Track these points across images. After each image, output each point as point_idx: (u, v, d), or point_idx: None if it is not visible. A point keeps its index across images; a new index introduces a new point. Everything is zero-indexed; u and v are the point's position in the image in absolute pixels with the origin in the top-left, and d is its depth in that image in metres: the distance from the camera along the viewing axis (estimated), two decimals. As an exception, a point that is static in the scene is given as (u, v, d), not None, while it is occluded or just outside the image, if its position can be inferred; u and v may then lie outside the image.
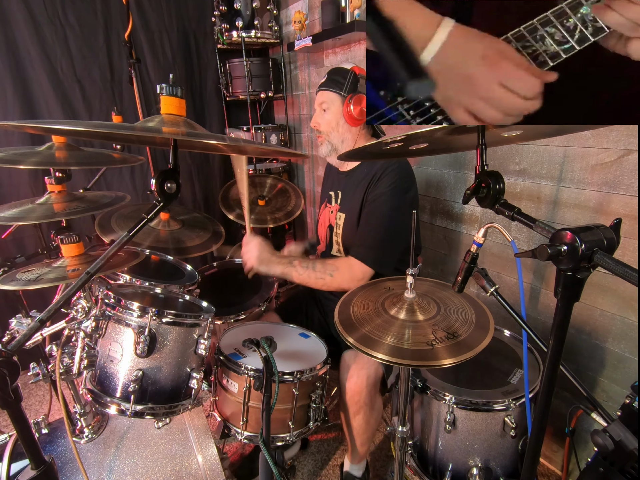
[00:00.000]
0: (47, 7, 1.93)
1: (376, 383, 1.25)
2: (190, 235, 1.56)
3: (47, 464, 0.67)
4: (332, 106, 1.33)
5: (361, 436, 1.30)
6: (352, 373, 1.21)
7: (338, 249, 1.47)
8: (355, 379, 1.20)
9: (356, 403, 1.22)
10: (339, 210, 1.45)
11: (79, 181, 1.92)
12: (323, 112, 1.36)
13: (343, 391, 1.24)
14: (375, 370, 1.23)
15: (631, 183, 1.15)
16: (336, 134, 1.36)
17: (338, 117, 1.33)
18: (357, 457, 1.39)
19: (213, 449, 1.16)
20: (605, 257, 0.47)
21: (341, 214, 1.43)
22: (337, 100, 1.32)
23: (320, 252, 1.56)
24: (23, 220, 1.12)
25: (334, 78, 1.33)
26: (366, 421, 1.26)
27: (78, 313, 1.05)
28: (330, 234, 1.49)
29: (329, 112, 1.34)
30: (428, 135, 0.64)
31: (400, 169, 1.29)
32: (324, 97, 1.34)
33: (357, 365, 1.22)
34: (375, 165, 1.32)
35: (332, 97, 1.33)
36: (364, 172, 1.37)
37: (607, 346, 1.30)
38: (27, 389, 2.10)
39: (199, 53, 2.45)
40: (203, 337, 1.07)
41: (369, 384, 1.21)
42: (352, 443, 1.33)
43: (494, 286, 0.73)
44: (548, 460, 1.55)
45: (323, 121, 1.36)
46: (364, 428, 1.28)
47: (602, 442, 0.58)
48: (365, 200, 1.32)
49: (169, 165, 0.74)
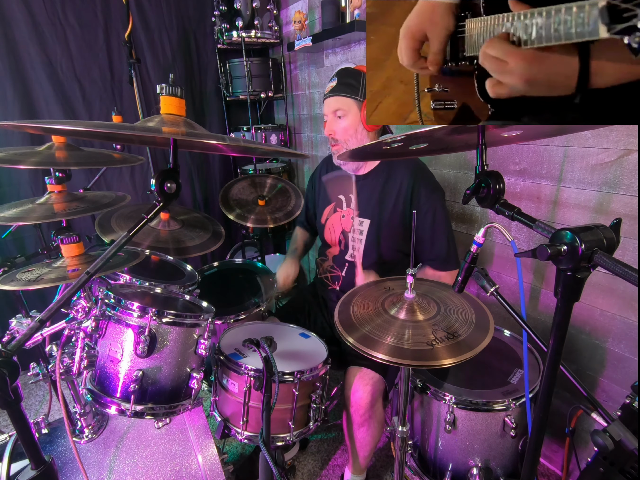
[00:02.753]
0: (47, 7, 1.93)
1: (379, 397, 1.26)
2: (190, 235, 1.56)
3: (47, 464, 0.67)
4: (349, 113, 1.27)
5: (364, 448, 1.30)
6: (356, 388, 1.22)
7: (352, 253, 1.44)
8: (361, 393, 1.21)
9: (361, 416, 1.23)
10: (359, 215, 1.41)
11: (79, 181, 1.92)
12: (338, 119, 1.29)
13: (348, 404, 1.25)
14: (379, 385, 1.24)
15: (631, 183, 1.15)
16: (354, 141, 1.30)
17: (356, 123, 1.27)
18: (359, 469, 1.40)
19: (213, 449, 1.16)
20: (605, 257, 0.47)
21: (363, 220, 1.39)
22: (354, 106, 1.26)
23: (332, 255, 1.53)
24: (23, 220, 1.12)
25: (346, 82, 1.26)
26: (370, 434, 1.27)
27: (78, 313, 1.05)
28: (345, 238, 1.46)
29: (345, 119, 1.28)
30: (428, 135, 0.64)
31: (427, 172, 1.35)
32: (339, 104, 1.27)
33: (362, 381, 1.22)
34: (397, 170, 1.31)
35: (348, 103, 1.26)
36: (382, 175, 1.36)
37: (607, 346, 1.30)
38: (27, 389, 2.10)
39: (199, 53, 2.45)
40: (203, 337, 1.07)
41: (372, 399, 1.21)
42: (355, 455, 1.34)
43: (494, 286, 0.72)
44: (548, 460, 1.55)
45: (339, 129, 1.30)
46: (367, 440, 1.28)
47: (602, 442, 0.58)
48: (402, 212, 1.33)
49: (169, 165, 0.74)
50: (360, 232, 1.40)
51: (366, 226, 1.38)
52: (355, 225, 1.41)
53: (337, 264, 1.50)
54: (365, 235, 1.39)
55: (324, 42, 1.97)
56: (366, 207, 1.39)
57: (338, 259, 1.50)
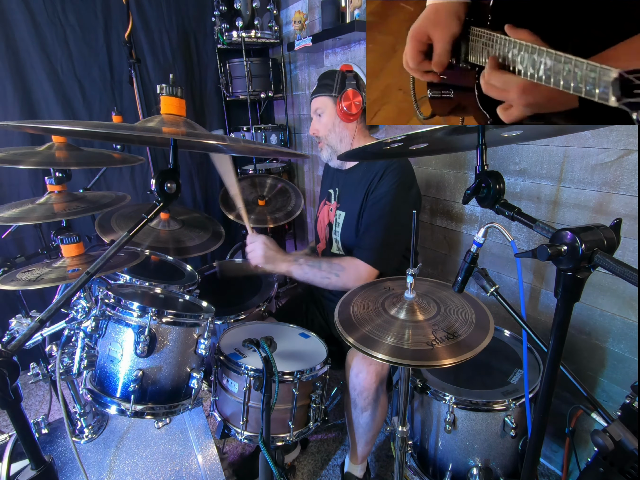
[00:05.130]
0: (47, 7, 1.93)
1: (384, 379, 1.24)
2: (190, 235, 1.56)
3: (47, 464, 0.67)
4: (326, 109, 1.35)
5: (366, 434, 1.29)
6: (360, 369, 1.20)
7: (337, 247, 1.47)
8: (365, 374, 1.19)
9: (365, 399, 1.21)
10: (338, 208, 1.45)
11: (79, 181, 1.92)
12: (318, 117, 1.38)
13: (351, 388, 1.23)
14: (382, 365, 1.21)
15: (631, 183, 1.15)
16: (334, 134, 1.37)
17: (333, 118, 1.35)
18: (360, 457, 1.39)
19: (213, 449, 1.16)
20: (605, 257, 0.47)
21: (341, 212, 1.43)
22: (330, 102, 1.34)
23: (321, 250, 1.56)
24: (23, 220, 1.12)
25: (323, 83, 1.35)
26: (373, 419, 1.26)
27: (78, 313, 1.05)
28: (330, 231, 1.49)
29: (324, 116, 1.36)
30: (428, 135, 0.64)
31: (401, 168, 1.29)
32: (317, 104, 1.36)
33: (366, 361, 1.20)
34: (376, 164, 1.32)
35: (324, 101, 1.34)
36: (362, 169, 1.37)
37: (607, 346, 1.30)
38: (27, 389, 2.10)
39: (199, 53, 2.45)
40: (203, 337, 1.07)
41: (377, 380, 1.20)
42: (356, 442, 1.33)
43: (494, 286, 0.72)
44: (548, 460, 1.55)
45: (320, 126, 1.38)
46: (370, 426, 1.27)
47: (602, 442, 0.58)
48: (365, 200, 1.33)
49: (169, 165, 0.74)
50: (338, 224, 1.44)
51: (342, 219, 1.42)
52: (336, 218, 1.46)
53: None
54: (340, 227, 1.43)
55: (324, 42, 1.97)
56: (345, 200, 1.44)
57: (325, 253, 1.53)
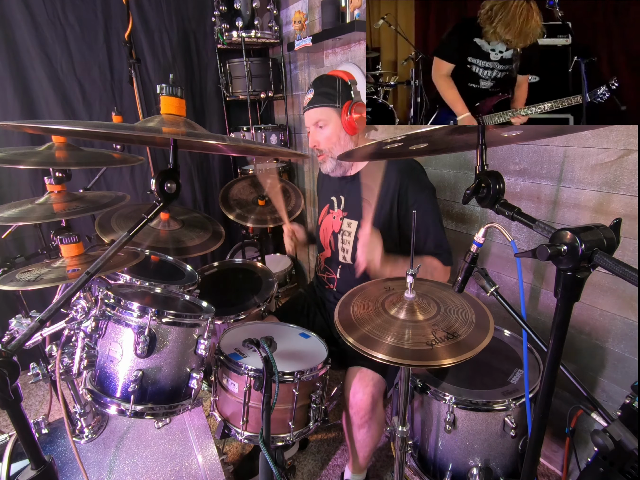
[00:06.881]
0: (47, 7, 1.93)
1: (380, 399, 1.25)
2: (190, 235, 1.56)
3: (47, 464, 0.67)
4: (329, 122, 1.28)
5: (364, 449, 1.30)
6: (357, 389, 1.21)
7: (344, 255, 1.44)
8: (361, 395, 1.20)
9: (361, 418, 1.22)
10: (347, 216, 1.41)
11: (79, 181, 1.92)
12: (320, 129, 1.30)
13: (348, 406, 1.24)
14: (379, 386, 1.24)
15: (631, 183, 1.15)
16: (339, 147, 1.30)
17: (338, 130, 1.28)
18: (359, 468, 1.40)
19: (213, 449, 1.16)
20: (605, 257, 0.47)
21: (351, 221, 1.39)
22: (334, 114, 1.27)
23: (325, 258, 1.53)
24: (23, 220, 1.12)
25: (323, 91, 1.27)
26: (370, 435, 1.26)
27: (78, 313, 1.05)
28: (335, 240, 1.46)
29: (327, 129, 1.29)
30: (428, 135, 0.64)
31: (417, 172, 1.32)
32: (318, 115, 1.28)
33: (362, 383, 1.21)
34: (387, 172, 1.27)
35: (328, 113, 1.27)
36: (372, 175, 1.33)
37: (607, 346, 1.30)
38: (27, 389, 2.10)
39: (199, 53, 2.44)
40: (203, 337, 1.07)
41: (373, 401, 1.21)
42: (355, 455, 1.33)
43: (494, 286, 0.72)
44: (548, 460, 1.55)
45: (322, 139, 1.31)
46: (367, 441, 1.28)
47: (602, 442, 0.58)
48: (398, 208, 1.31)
49: (169, 165, 0.74)
50: (348, 233, 1.41)
51: (354, 227, 1.39)
52: (344, 226, 1.42)
53: (331, 266, 1.51)
54: (353, 236, 1.39)
55: (324, 42, 1.97)
56: (354, 208, 1.40)
57: (330, 261, 1.51)
